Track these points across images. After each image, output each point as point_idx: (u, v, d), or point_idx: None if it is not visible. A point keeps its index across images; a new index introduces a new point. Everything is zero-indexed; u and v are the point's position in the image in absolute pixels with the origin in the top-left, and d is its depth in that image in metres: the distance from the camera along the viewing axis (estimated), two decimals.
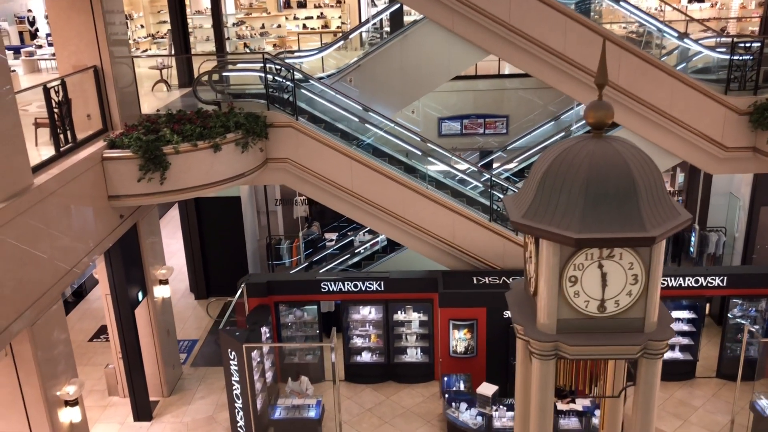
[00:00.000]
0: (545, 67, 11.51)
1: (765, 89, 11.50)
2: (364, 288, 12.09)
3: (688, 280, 11.84)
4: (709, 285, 11.84)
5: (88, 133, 9.98)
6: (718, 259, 15.42)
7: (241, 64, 13.58)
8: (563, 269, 5.24)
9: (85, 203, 9.22)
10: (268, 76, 11.31)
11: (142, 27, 23.02)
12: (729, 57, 11.32)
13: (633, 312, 5.36)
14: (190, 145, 9.90)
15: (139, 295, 11.56)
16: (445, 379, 11.56)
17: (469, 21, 11.41)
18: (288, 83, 11.35)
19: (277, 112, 11.23)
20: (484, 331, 11.67)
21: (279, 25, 23.86)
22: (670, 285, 11.75)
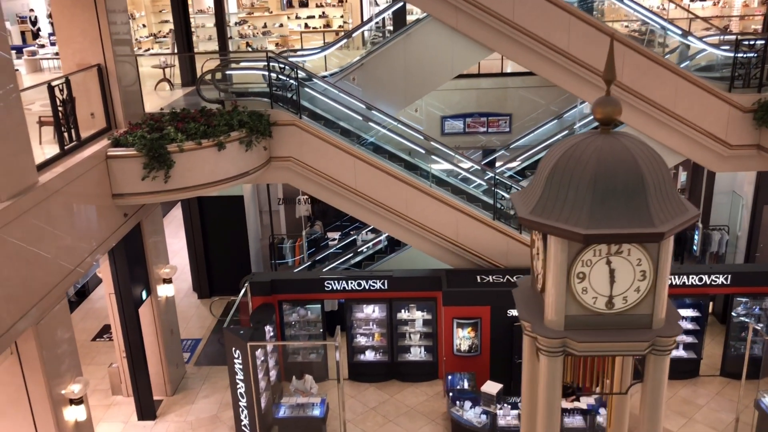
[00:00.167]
0: (549, 65, 11.49)
1: None
2: (367, 287, 12.08)
3: (692, 278, 11.83)
4: (713, 283, 11.83)
5: (92, 131, 9.97)
6: (721, 257, 15.40)
7: (244, 63, 13.55)
8: (571, 265, 5.23)
9: (90, 201, 9.21)
10: (272, 75, 11.30)
11: (144, 26, 23.00)
12: (733, 54, 11.29)
13: (641, 308, 5.35)
14: (194, 144, 9.89)
15: (143, 294, 11.55)
16: (449, 377, 11.54)
17: (473, 19, 11.40)
18: (292, 82, 11.34)
19: (281, 111, 11.22)
20: (488, 329, 11.65)
21: (281, 25, 23.86)
22: (673, 283, 11.74)
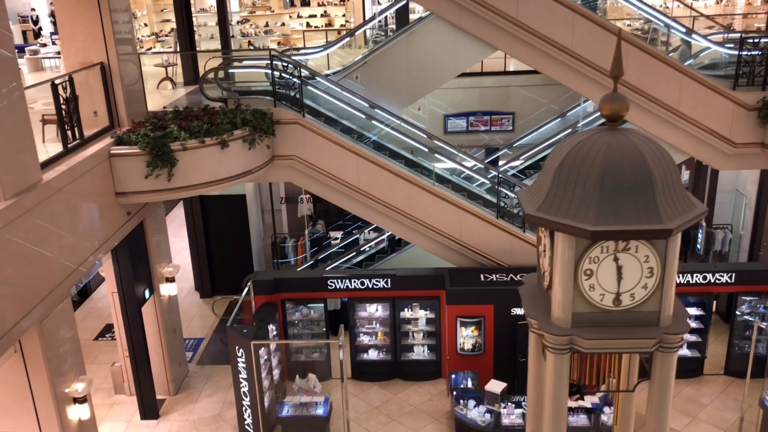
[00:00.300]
0: (553, 63, 11.46)
1: None
2: (370, 285, 12.05)
3: (696, 276, 11.81)
4: (717, 282, 11.80)
5: (95, 130, 9.95)
6: (725, 256, 15.37)
7: (247, 61, 13.53)
8: (578, 262, 5.21)
9: (93, 200, 9.19)
10: (275, 73, 11.28)
11: (146, 25, 23.01)
12: (738, 53, 11.26)
13: (648, 305, 5.33)
14: (197, 142, 9.87)
15: (146, 293, 11.54)
16: (452, 376, 11.52)
17: (477, 17, 11.37)
18: (295, 80, 11.32)
19: (284, 109, 11.20)
20: (491, 328, 11.63)
21: (283, 24, 23.86)
22: (678, 281, 11.70)
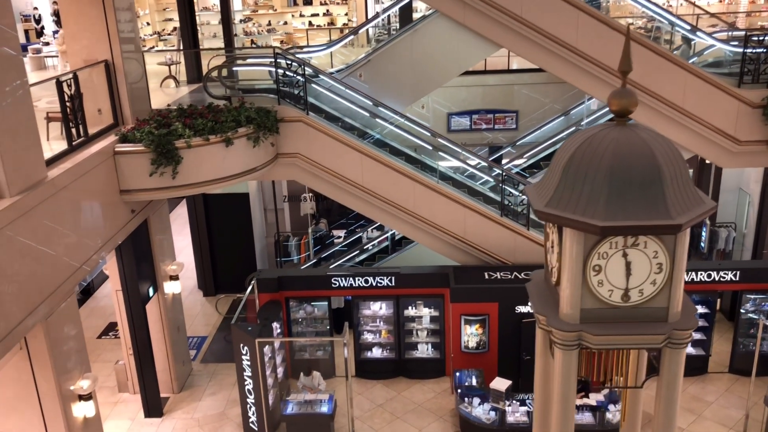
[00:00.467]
0: (557, 61, 11.44)
1: None
2: (374, 283, 12.04)
3: (701, 274, 11.77)
4: (721, 279, 11.78)
5: (100, 127, 9.94)
6: (728, 254, 15.34)
7: (251, 60, 13.51)
8: (587, 258, 5.19)
9: (98, 197, 9.18)
10: (279, 71, 11.27)
11: (148, 24, 23.02)
12: (742, 50, 11.23)
13: (657, 301, 5.32)
14: (201, 140, 9.86)
15: (150, 291, 11.53)
16: (457, 374, 11.50)
17: (481, 14, 11.35)
18: (299, 78, 11.31)
19: (288, 107, 11.19)
20: (496, 326, 11.61)
21: (285, 22, 23.87)
22: None
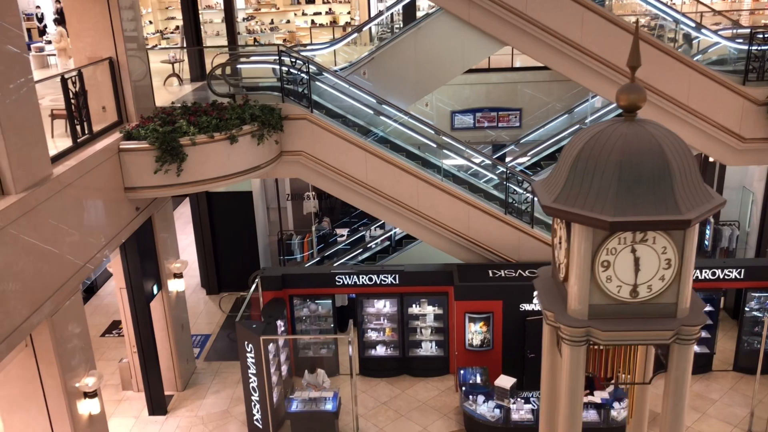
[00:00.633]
0: (561, 59, 11.43)
1: None
2: (378, 281, 12.03)
3: (705, 272, 11.75)
4: (726, 277, 11.76)
5: (104, 125, 9.93)
6: (731, 252, 15.34)
7: (255, 57, 13.51)
8: (596, 254, 5.18)
9: (103, 195, 9.17)
10: (283, 69, 11.26)
11: (151, 23, 23.01)
12: (747, 47, 11.22)
13: (665, 297, 5.30)
14: (206, 137, 9.84)
15: (154, 289, 11.52)
16: (461, 372, 11.49)
17: (486, 12, 11.34)
18: (303, 75, 11.30)
19: (292, 105, 11.18)
20: (500, 324, 11.60)
21: (288, 21, 23.89)
22: None
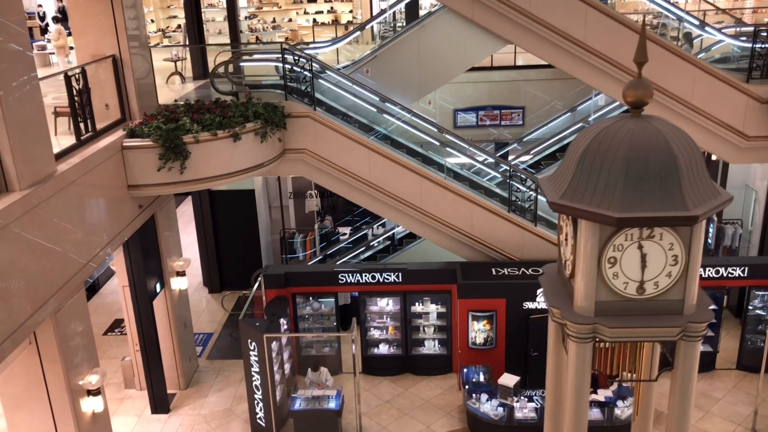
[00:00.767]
0: (565, 56, 11.41)
1: None
2: (381, 279, 12.02)
3: (708, 270, 11.73)
4: (729, 276, 11.74)
5: (107, 122, 9.92)
6: (734, 251, 15.30)
7: (258, 55, 13.50)
8: (602, 250, 5.17)
9: (106, 192, 9.16)
10: (287, 66, 11.25)
11: (152, 21, 23.02)
12: (752, 45, 11.20)
13: (672, 294, 5.29)
14: (209, 135, 9.83)
15: (157, 287, 11.51)
16: (464, 370, 11.47)
17: (489, 9, 11.33)
18: (306, 73, 11.28)
19: (295, 103, 11.17)
20: (503, 322, 11.58)
21: (290, 19, 23.89)
22: None
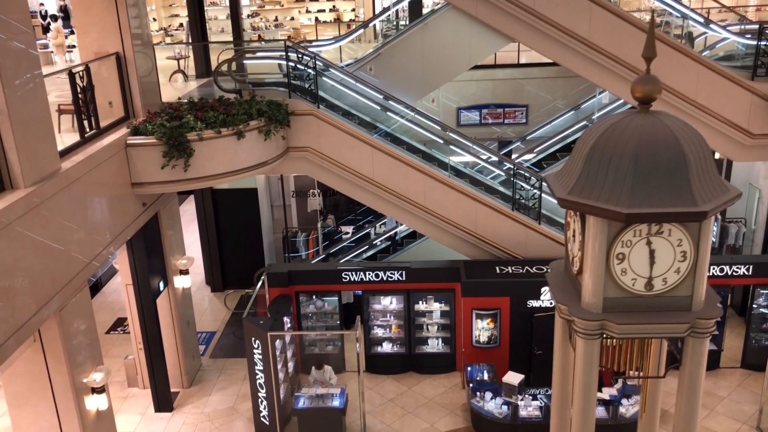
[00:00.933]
0: (569, 54, 11.38)
1: None
2: (385, 278, 12.00)
3: (713, 268, 11.70)
4: (734, 274, 11.72)
5: (111, 120, 9.91)
6: (738, 250, 15.27)
7: (261, 53, 13.48)
8: (611, 246, 5.14)
9: (110, 190, 9.15)
10: (290, 64, 11.22)
11: (155, 20, 23.00)
12: (756, 43, 11.17)
13: (681, 290, 5.26)
14: (213, 132, 9.82)
15: (161, 285, 11.49)
16: (468, 369, 11.45)
17: (493, 7, 11.31)
18: (309, 71, 11.26)
19: (299, 101, 11.14)
20: (507, 320, 11.56)
21: (292, 18, 23.87)
22: None
